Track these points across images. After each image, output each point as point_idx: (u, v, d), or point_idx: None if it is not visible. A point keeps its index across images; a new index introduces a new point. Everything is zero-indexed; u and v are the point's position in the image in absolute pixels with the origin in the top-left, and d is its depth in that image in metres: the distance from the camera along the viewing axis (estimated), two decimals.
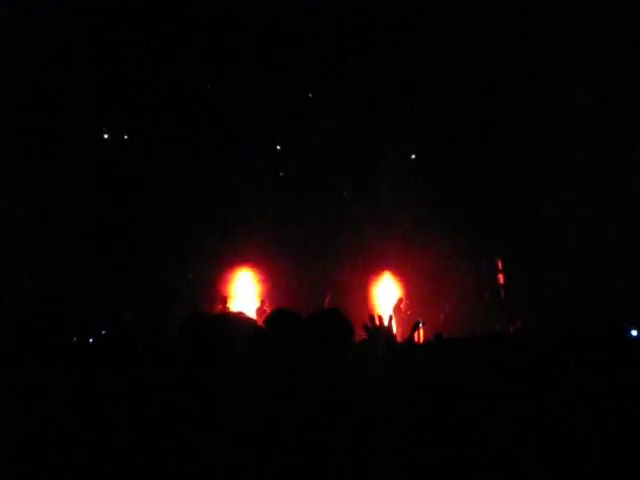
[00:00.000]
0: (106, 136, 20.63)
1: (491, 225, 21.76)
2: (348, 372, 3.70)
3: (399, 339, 14.20)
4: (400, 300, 22.23)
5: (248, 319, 3.33)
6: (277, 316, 3.87)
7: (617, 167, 19.67)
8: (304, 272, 21.79)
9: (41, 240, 17.56)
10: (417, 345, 10.98)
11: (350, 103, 20.90)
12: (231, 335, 3.11)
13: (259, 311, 20.54)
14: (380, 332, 4.01)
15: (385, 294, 22.89)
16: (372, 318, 4.13)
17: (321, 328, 3.63)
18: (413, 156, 22.62)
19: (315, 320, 3.75)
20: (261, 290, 21.86)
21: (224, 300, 20.49)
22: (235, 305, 20.82)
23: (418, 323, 13.29)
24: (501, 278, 22.71)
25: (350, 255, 21.34)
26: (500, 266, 22.74)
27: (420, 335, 15.41)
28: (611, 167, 19.71)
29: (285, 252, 21.11)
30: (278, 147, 22.38)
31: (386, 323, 4.12)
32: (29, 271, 16.73)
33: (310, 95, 21.10)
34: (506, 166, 21.12)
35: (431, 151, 22.11)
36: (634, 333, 13.02)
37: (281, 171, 22.38)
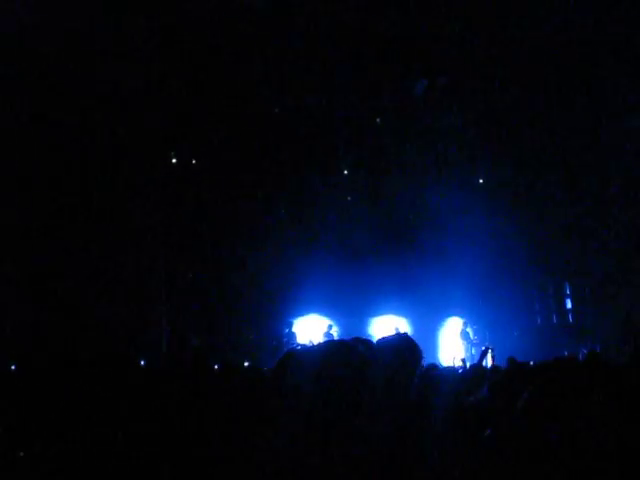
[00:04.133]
0: (174, 161, 20.84)
1: (559, 249, 21.58)
2: (416, 392, 3.80)
3: (468, 364, 14.19)
4: (466, 325, 22.21)
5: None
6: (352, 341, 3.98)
7: None
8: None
9: (113, 266, 17.91)
10: (487, 370, 11.02)
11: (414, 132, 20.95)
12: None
13: (326, 335, 20.84)
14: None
15: (454, 322, 22.92)
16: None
17: (392, 350, 3.73)
18: (481, 180, 22.50)
19: (386, 343, 3.85)
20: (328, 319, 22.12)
21: (290, 325, 20.78)
22: (301, 329, 21.12)
23: (487, 349, 13.31)
24: (569, 302, 22.47)
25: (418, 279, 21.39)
26: (568, 290, 22.50)
27: (489, 359, 15.37)
28: None
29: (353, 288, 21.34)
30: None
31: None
32: (104, 298, 17.10)
33: (378, 120, 21.13)
34: (574, 189, 20.96)
35: (498, 174, 22.01)
36: None
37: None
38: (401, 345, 3.77)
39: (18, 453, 4.13)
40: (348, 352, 3.35)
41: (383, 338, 3.92)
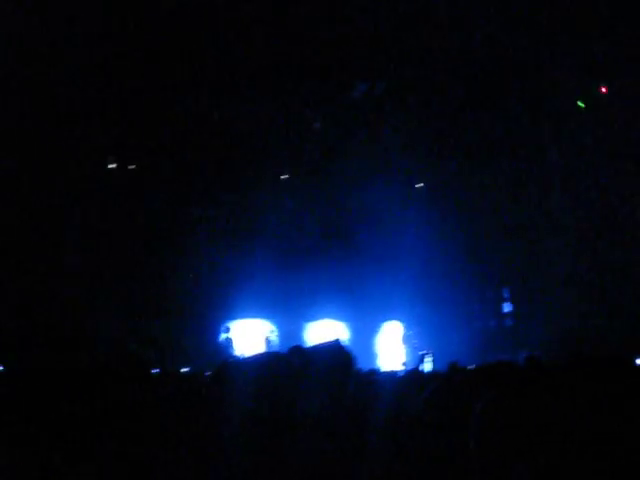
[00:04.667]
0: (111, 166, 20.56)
1: (497, 253, 21.72)
2: (350, 400, 3.72)
3: (408, 368, 14.15)
4: (406, 330, 22.26)
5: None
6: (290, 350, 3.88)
7: (622, 193, 19.66)
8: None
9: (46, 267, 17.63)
10: (425, 375, 10.96)
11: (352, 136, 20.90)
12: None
13: (266, 340, 20.79)
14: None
15: (393, 326, 22.93)
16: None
17: (324, 359, 3.63)
18: (421, 184, 22.52)
19: (318, 351, 3.75)
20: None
21: (227, 329, 20.70)
22: (239, 334, 21.01)
23: (426, 353, 13.30)
24: (508, 307, 22.65)
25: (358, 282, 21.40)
26: (507, 295, 22.68)
27: (428, 364, 15.39)
28: (616, 193, 19.70)
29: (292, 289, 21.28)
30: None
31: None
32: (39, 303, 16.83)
33: (317, 125, 21.04)
34: (514, 194, 21.10)
35: (437, 180, 22.08)
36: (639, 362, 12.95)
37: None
38: (332, 353, 3.66)
39: None
40: (283, 365, 3.26)
41: (315, 346, 3.81)
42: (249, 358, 3.46)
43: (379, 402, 3.88)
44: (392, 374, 11.35)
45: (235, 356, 18.95)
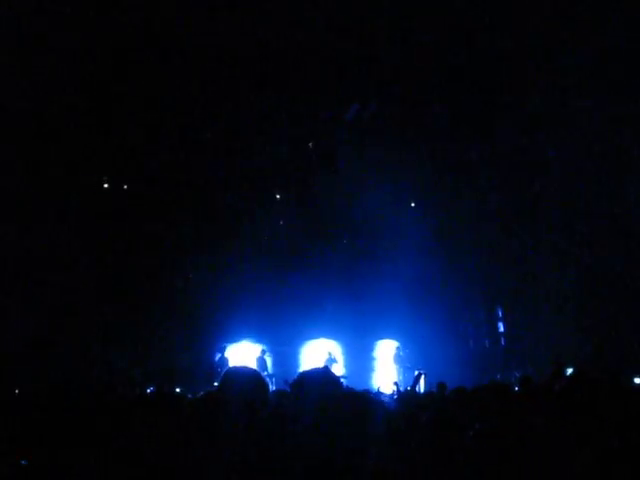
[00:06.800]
0: (106, 186, 20.54)
1: (491, 273, 21.69)
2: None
3: (401, 388, 14.02)
4: (399, 349, 22.22)
5: None
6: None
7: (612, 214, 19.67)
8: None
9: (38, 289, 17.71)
10: (419, 395, 10.95)
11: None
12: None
13: (259, 360, 20.80)
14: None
15: (387, 344, 22.90)
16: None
17: (310, 387, 3.62)
18: (413, 204, 22.49)
19: (304, 378, 3.73)
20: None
21: (223, 350, 20.68)
22: (233, 355, 20.96)
23: (420, 374, 13.26)
24: (501, 326, 22.62)
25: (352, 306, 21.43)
26: (500, 314, 22.65)
27: (422, 384, 15.34)
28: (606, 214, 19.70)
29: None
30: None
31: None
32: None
33: (310, 144, 21.02)
34: (507, 214, 21.08)
35: (432, 199, 22.04)
36: (637, 381, 12.95)
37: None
38: (319, 380, 3.64)
39: None
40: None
41: (301, 375, 3.76)
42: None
43: (377, 427, 3.85)
44: (384, 396, 11.34)
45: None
